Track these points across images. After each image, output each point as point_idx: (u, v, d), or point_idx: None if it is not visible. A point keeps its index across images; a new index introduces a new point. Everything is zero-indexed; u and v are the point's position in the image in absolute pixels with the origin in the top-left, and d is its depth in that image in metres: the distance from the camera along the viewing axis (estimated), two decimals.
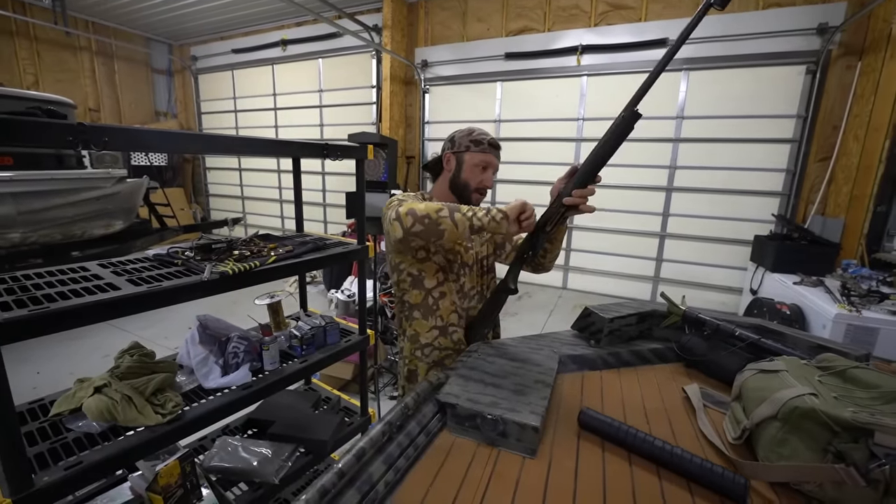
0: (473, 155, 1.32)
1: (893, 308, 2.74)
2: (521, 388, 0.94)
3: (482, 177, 1.33)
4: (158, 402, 1.19)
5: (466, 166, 1.33)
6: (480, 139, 1.32)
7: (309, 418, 1.71)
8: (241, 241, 1.56)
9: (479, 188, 1.34)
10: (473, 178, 1.33)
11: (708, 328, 1.22)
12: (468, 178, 1.33)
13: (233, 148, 1.44)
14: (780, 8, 4.01)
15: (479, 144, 1.31)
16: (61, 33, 6.35)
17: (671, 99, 4.55)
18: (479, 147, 1.31)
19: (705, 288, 4.76)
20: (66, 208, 2.04)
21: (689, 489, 0.72)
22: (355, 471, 0.70)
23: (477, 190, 1.34)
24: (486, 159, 1.33)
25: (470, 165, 1.32)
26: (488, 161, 1.33)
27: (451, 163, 1.35)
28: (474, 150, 1.32)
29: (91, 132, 0.93)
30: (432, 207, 1.09)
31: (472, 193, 1.34)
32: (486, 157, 1.32)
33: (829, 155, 3.99)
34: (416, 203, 1.12)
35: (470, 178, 1.33)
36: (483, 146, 1.32)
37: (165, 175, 7.76)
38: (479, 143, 1.31)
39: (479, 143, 1.31)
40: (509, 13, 5.17)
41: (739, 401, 0.88)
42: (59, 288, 1.06)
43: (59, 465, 0.97)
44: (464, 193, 1.34)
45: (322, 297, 4.94)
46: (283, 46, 6.64)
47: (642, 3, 4.52)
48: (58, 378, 3.10)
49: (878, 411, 0.69)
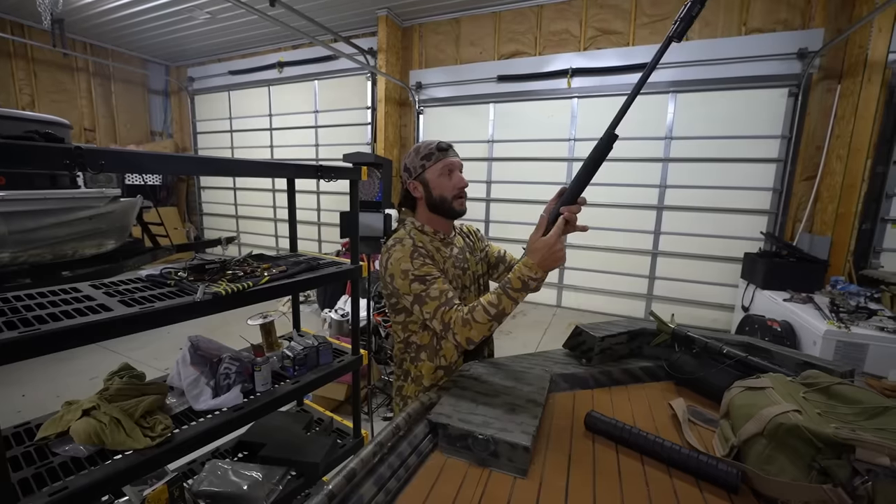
0: (433, 168, 1.28)
1: (881, 324, 2.78)
2: (513, 408, 0.95)
3: (452, 181, 1.29)
4: (148, 425, 1.18)
5: (432, 183, 1.29)
6: (429, 153, 1.29)
7: (301, 440, 1.69)
8: (234, 260, 1.56)
9: (455, 194, 1.30)
10: (446, 188, 1.29)
11: (697, 346, 1.23)
12: (441, 191, 1.29)
13: (228, 169, 1.46)
14: (761, 34, 4.18)
15: (430, 157, 1.28)
16: (59, 54, 6.44)
17: (660, 120, 4.68)
18: (432, 159, 1.28)
19: (698, 305, 4.80)
20: (59, 228, 2.04)
21: (678, 498, 0.72)
22: (345, 493, 0.69)
23: (455, 197, 1.30)
24: (445, 164, 1.29)
25: (435, 180, 1.29)
26: (448, 164, 1.29)
27: (419, 189, 1.31)
28: (429, 165, 1.28)
29: (88, 155, 0.94)
30: (483, 328, 1.10)
31: (453, 202, 1.30)
32: (443, 163, 1.28)
33: (814, 174, 4.10)
34: (469, 329, 1.11)
35: (443, 190, 1.29)
36: (435, 156, 1.28)
37: (159, 194, 7.77)
38: (429, 156, 1.28)
39: (430, 157, 1.28)
40: (501, 37, 5.33)
41: (728, 418, 0.89)
42: (50, 309, 1.06)
43: (44, 492, 0.95)
44: (446, 208, 1.30)
45: (315, 317, 4.90)
46: (280, 68, 6.76)
47: (630, 29, 4.69)
48: (44, 401, 3.03)
49: (859, 427, 0.71)
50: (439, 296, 1.15)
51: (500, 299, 1.09)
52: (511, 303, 1.09)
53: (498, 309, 1.09)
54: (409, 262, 1.18)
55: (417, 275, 1.17)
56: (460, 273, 1.33)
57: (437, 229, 1.34)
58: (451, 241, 1.36)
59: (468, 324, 1.11)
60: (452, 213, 1.31)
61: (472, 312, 1.11)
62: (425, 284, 1.16)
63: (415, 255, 1.20)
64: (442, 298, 1.15)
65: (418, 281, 1.17)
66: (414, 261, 1.19)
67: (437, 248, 1.30)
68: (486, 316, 1.10)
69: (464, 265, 1.36)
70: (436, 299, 1.15)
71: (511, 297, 1.09)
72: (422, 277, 1.17)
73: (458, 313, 1.13)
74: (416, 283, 1.17)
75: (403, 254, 1.20)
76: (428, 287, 1.16)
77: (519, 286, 1.08)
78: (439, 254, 1.30)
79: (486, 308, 1.10)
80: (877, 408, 0.75)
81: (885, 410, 0.74)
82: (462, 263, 1.35)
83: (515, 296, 1.09)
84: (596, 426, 0.93)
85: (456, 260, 1.33)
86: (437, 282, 1.17)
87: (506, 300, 1.09)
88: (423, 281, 1.16)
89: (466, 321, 1.12)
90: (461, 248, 1.38)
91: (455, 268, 1.32)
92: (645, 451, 0.86)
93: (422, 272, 1.17)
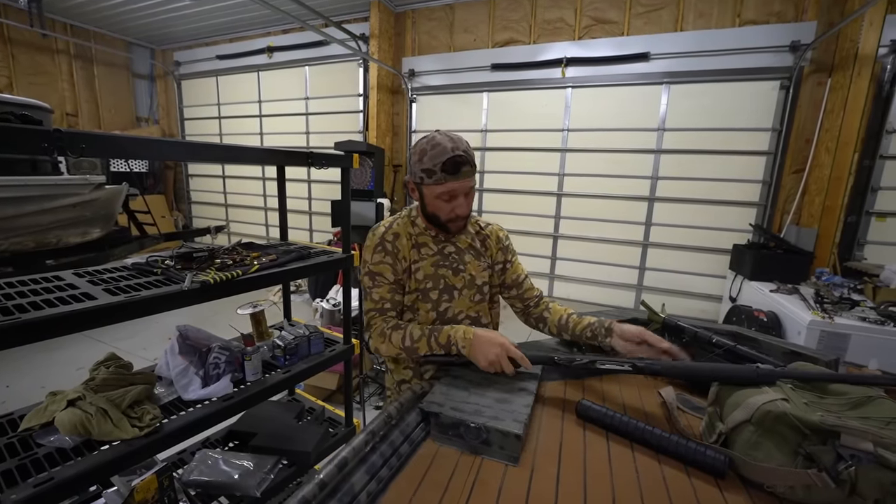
0: (431, 188, 1.11)
1: (863, 314, 2.84)
2: (505, 397, 0.95)
3: (451, 206, 1.13)
4: (135, 415, 1.16)
5: (428, 200, 1.14)
6: (433, 168, 1.07)
7: (292, 429, 1.68)
8: (223, 249, 1.54)
9: (450, 219, 1.16)
10: (442, 211, 1.15)
11: (687, 335, 1.25)
12: (434, 210, 1.16)
13: (216, 156, 1.43)
14: (754, 25, 4.18)
15: (432, 175, 1.08)
16: (37, 35, 6.21)
17: (653, 111, 4.68)
18: (434, 178, 1.09)
19: (687, 296, 4.86)
20: (41, 215, 1.99)
21: (666, 485, 0.73)
22: (337, 481, 0.69)
23: (450, 221, 1.16)
24: (448, 189, 1.09)
25: (431, 199, 1.13)
26: (452, 190, 1.10)
27: (415, 193, 1.17)
28: (428, 182, 1.10)
29: (67, 138, 0.91)
30: (392, 349, 1.12)
31: (447, 224, 1.17)
32: (446, 187, 1.09)
33: (803, 167, 4.15)
34: (382, 342, 1.13)
35: (437, 210, 1.15)
36: (437, 176, 1.08)
37: (146, 182, 7.61)
38: (431, 172, 1.08)
39: (432, 174, 1.08)
40: (496, 25, 5.26)
41: (715, 406, 0.90)
42: (31, 298, 1.03)
43: (29, 483, 0.94)
44: (438, 224, 1.18)
45: (307, 307, 4.88)
46: (269, 53, 6.62)
47: (625, 18, 4.66)
48: (28, 392, 2.98)
49: (844, 415, 0.72)
50: (378, 300, 1.17)
51: (422, 339, 1.09)
52: (427, 348, 1.09)
53: (414, 345, 1.09)
54: (370, 253, 1.18)
55: (371, 270, 1.17)
56: (448, 273, 1.22)
57: (429, 226, 1.25)
58: (449, 240, 1.26)
59: (384, 336, 1.13)
60: (445, 230, 1.20)
61: (393, 331, 1.12)
62: (373, 283, 1.17)
63: (377, 249, 1.18)
64: (379, 304, 1.16)
65: (369, 276, 1.17)
66: (374, 254, 1.18)
67: (423, 242, 1.23)
68: (401, 343, 1.10)
69: (457, 266, 1.24)
70: (374, 302, 1.17)
71: (431, 345, 1.08)
72: (373, 274, 1.17)
73: (382, 323, 1.15)
74: (367, 276, 1.18)
75: (370, 243, 1.20)
76: (374, 286, 1.16)
77: (444, 341, 1.07)
78: (423, 248, 1.22)
79: (406, 336, 1.10)
80: (861, 398, 0.77)
81: (869, 400, 0.76)
82: (456, 264, 1.24)
83: (435, 346, 1.08)
84: (587, 414, 0.94)
85: (445, 258, 1.23)
86: (382, 287, 1.16)
87: (424, 343, 1.09)
88: (372, 278, 1.17)
89: (383, 334, 1.13)
90: (464, 249, 1.27)
91: (441, 266, 1.22)
92: (635, 438, 0.87)
93: (376, 269, 1.17)
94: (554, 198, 5.24)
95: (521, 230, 5.48)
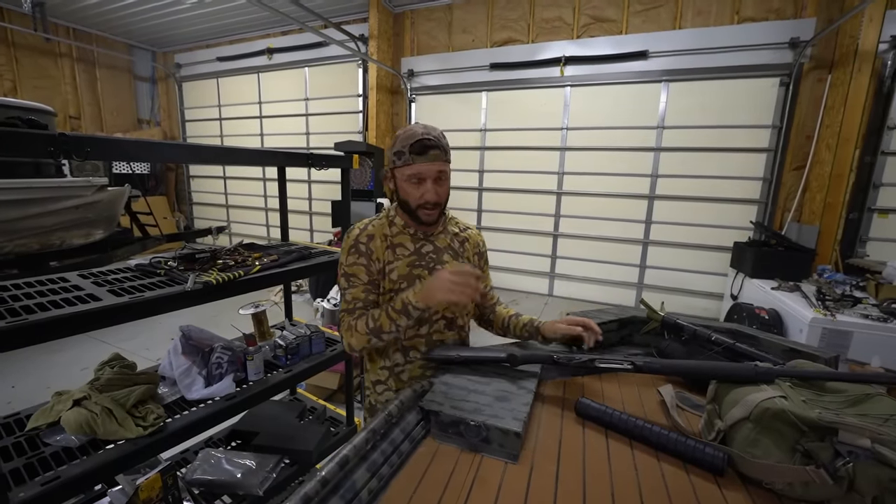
0: (401, 170, 1.11)
1: (866, 312, 2.84)
2: (504, 395, 0.96)
3: (420, 191, 1.11)
4: (140, 415, 1.18)
5: (399, 184, 1.14)
6: (402, 149, 1.09)
7: (294, 429, 1.70)
8: (225, 250, 1.55)
9: (420, 205, 1.13)
10: (411, 196, 1.13)
11: (686, 333, 1.25)
12: (405, 196, 1.14)
13: (217, 157, 1.44)
14: (754, 22, 4.17)
15: (401, 156, 1.09)
16: (40, 39, 6.24)
17: (652, 109, 4.67)
18: (402, 159, 1.09)
19: (687, 294, 4.86)
20: (45, 217, 2.00)
21: (665, 482, 0.74)
22: (339, 478, 0.70)
23: (419, 207, 1.14)
24: (415, 171, 1.09)
25: (401, 182, 1.13)
26: (419, 172, 1.09)
27: (391, 182, 1.17)
28: (398, 164, 1.11)
29: (73, 143, 0.92)
30: (362, 339, 1.11)
31: (417, 211, 1.15)
32: (413, 168, 1.09)
33: (804, 164, 4.14)
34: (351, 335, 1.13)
35: (407, 195, 1.14)
36: (405, 157, 1.08)
37: (148, 183, 7.64)
38: (400, 154, 1.09)
39: (401, 155, 1.09)
40: (494, 24, 5.26)
41: (714, 404, 0.91)
42: (38, 299, 1.04)
43: (36, 481, 0.95)
44: (409, 211, 1.16)
45: (308, 306, 4.89)
46: (269, 55, 6.64)
47: (623, 17, 4.66)
48: (34, 392, 3.00)
49: (842, 412, 0.73)
50: (351, 301, 1.16)
51: (380, 316, 1.09)
52: (388, 321, 1.08)
53: (376, 324, 1.09)
54: (345, 255, 1.17)
55: (346, 271, 1.16)
56: (424, 273, 1.19)
57: (409, 224, 1.21)
58: (427, 238, 1.24)
59: (351, 329, 1.12)
60: (416, 219, 1.18)
61: (357, 320, 1.12)
62: (348, 283, 1.16)
63: (351, 250, 1.17)
64: (351, 305, 1.16)
65: (344, 277, 1.17)
66: (349, 256, 1.17)
67: (399, 242, 1.20)
68: (365, 328, 1.10)
69: (434, 265, 1.21)
70: (348, 303, 1.16)
71: (390, 315, 1.08)
72: (347, 275, 1.16)
73: (350, 318, 1.14)
74: (342, 278, 1.17)
75: (345, 245, 1.19)
76: (348, 287, 1.16)
77: (399, 307, 1.08)
78: (399, 249, 1.19)
79: (368, 320, 1.10)
80: (859, 395, 0.77)
81: (867, 398, 0.76)
82: (433, 263, 1.21)
83: (394, 316, 1.08)
84: (586, 412, 0.94)
85: (422, 258, 1.21)
86: (356, 288, 1.16)
87: (384, 318, 1.09)
88: (347, 279, 1.16)
89: (350, 326, 1.12)
90: (443, 248, 1.25)
91: (416, 266, 1.19)
92: (634, 436, 0.88)
93: (350, 271, 1.16)
94: (553, 196, 5.24)
95: (520, 229, 5.49)
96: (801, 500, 0.71)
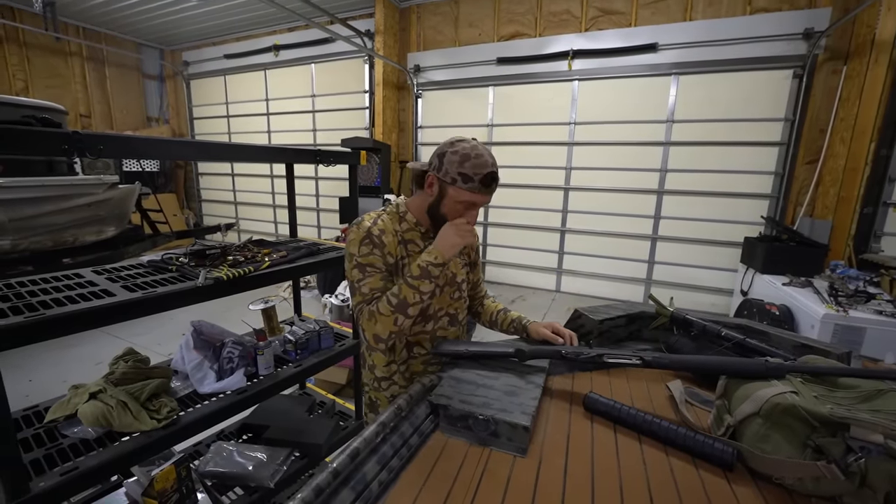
0: (460, 191, 1.09)
1: (880, 308, 2.80)
2: (513, 389, 0.96)
3: (467, 216, 1.14)
4: (153, 408, 1.20)
5: (448, 201, 1.13)
6: (472, 174, 1.07)
7: (304, 423, 1.72)
8: (235, 246, 1.57)
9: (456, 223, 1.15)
10: (453, 214, 1.14)
11: (695, 329, 1.24)
12: (447, 213, 1.14)
13: (228, 154, 1.46)
14: (767, 13, 4.09)
15: (468, 181, 1.08)
16: (51, 39, 6.32)
17: (661, 103, 4.62)
18: (468, 185, 1.08)
19: (697, 290, 4.82)
20: (58, 215, 2.04)
21: (674, 477, 0.74)
22: (350, 470, 0.71)
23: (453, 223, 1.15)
24: (473, 199, 1.11)
25: (452, 201, 1.12)
26: (475, 201, 1.12)
27: (434, 188, 1.15)
28: (462, 185, 1.08)
29: (86, 140, 0.94)
30: (388, 321, 1.07)
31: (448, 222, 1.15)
32: (474, 197, 1.10)
33: (817, 158, 4.07)
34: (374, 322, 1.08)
35: (449, 213, 1.14)
36: (473, 184, 1.08)
37: (157, 181, 7.72)
38: (468, 178, 1.08)
39: (468, 180, 1.08)
40: (501, 18, 5.23)
41: (723, 399, 0.91)
42: (54, 295, 1.07)
43: (55, 471, 0.98)
44: (439, 224, 1.17)
45: (316, 302, 4.93)
46: (276, 52, 6.65)
47: (632, 9, 4.59)
48: (50, 385, 3.07)
49: (854, 408, 0.72)
50: (368, 293, 1.11)
51: (401, 289, 1.06)
52: (411, 291, 1.06)
53: (399, 298, 1.06)
54: (356, 246, 1.13)
55: (360, 262, 1.12)
56: None
57: (421, 222, 1.22)
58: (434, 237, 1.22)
59: (374, 316, 1.07)
60: (438, 226, 1.18)
61: (378, 303, 1.08)
62: (363, 275, 1.12)
63: (364, 241, 1.13)
64: (368, 296, 1.11)
65: (358, 269, 1.12)
66: (362, 247, 1.13)
67: (410, 239, 1.21)
68: (389, 307, 1.06)
69: None
70: (364, 295, 1.11)
71: (410, 284, 1.06)
72: (362, 266, 1.12)
73: (368, 307, 1.09)
74: (356, 269, 1.13)
75: (355, 237, 1.15)
76: (364, 278, 1.12)
77: (417, 273, 1.06)
78: (410, 245, 1.20)
79: (389, 299, 1.07)
80: (872, 391, 0.76)
81: (879, 393, 0.75)
82: None
83: (416, 283, 1.06)
84: (594, 407, 0.94)
85: None
86: (374, 277, 1.12)
87: (405, 289, 1.06)
88: (362, 269, 1.12)
89: (372, 313, 1.08)
90: None
91: None
92: (642, 430, 0.88)
93: (365, 261, 1.12)
94: (561, 192, 5.21)
95: (528, 225, 5.46)
96: (812, 495, 0.71)
